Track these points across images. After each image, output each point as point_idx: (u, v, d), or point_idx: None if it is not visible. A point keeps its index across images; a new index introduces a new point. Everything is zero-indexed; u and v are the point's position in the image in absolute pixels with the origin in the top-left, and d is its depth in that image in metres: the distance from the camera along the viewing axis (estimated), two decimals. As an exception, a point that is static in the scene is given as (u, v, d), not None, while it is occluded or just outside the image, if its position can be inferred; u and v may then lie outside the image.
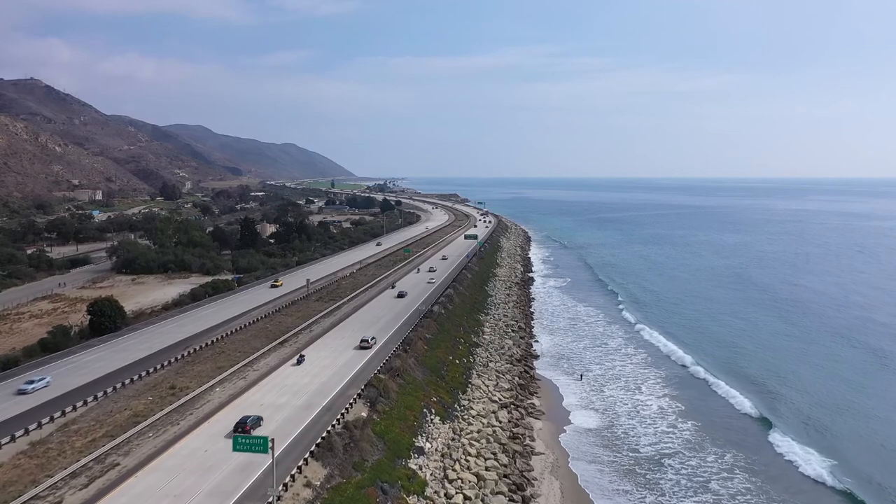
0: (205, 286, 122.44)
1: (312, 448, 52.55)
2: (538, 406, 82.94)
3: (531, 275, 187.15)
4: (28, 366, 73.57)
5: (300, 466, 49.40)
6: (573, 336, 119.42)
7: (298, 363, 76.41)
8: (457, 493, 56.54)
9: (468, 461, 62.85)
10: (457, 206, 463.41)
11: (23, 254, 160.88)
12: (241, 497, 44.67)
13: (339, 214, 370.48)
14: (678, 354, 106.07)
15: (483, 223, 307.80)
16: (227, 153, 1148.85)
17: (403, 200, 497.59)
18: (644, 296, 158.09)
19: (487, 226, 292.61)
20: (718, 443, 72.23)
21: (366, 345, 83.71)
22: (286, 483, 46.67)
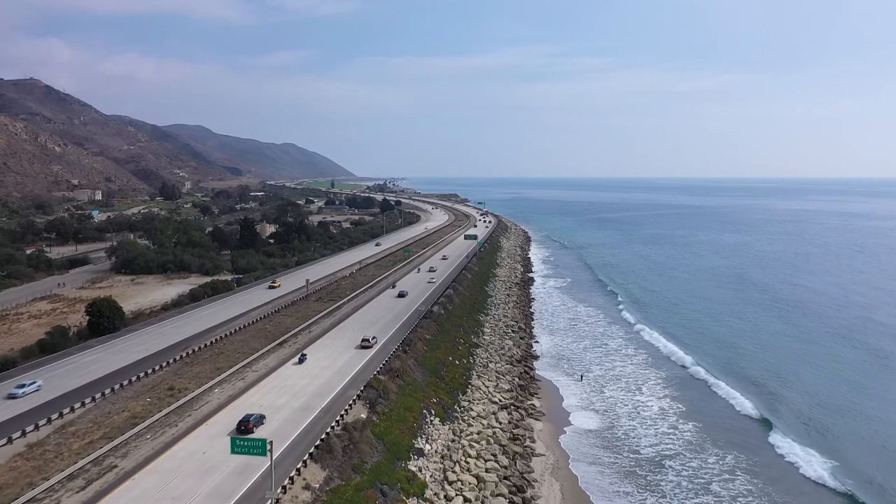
0: (204, 286, 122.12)
1: (311, 450, 52.24)
2: (538, 407, 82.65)
3: (531, 275, 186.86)
4: (26, 367, 73.27)
5: (299, 469, 49.11)
6: (573, 336, 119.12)
7: (300, 362, 76.72)
8: (457, 495, 56.21)
9: (468, 463, 62.52)
10: (456, 207, 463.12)
11: (22, 254, 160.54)
12: (240, 500, 44.36)
13: (339, 214, 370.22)
14: (679, 355, 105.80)
15: (483, 223, 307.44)
16: (227, 153, 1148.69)
17: (403, 200, 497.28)
18: (644, 296, 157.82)
19: (487, 226, 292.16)
20: (719, 444, 71.97)
21: (367, 344, 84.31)
22: (285, 485, 46.36)
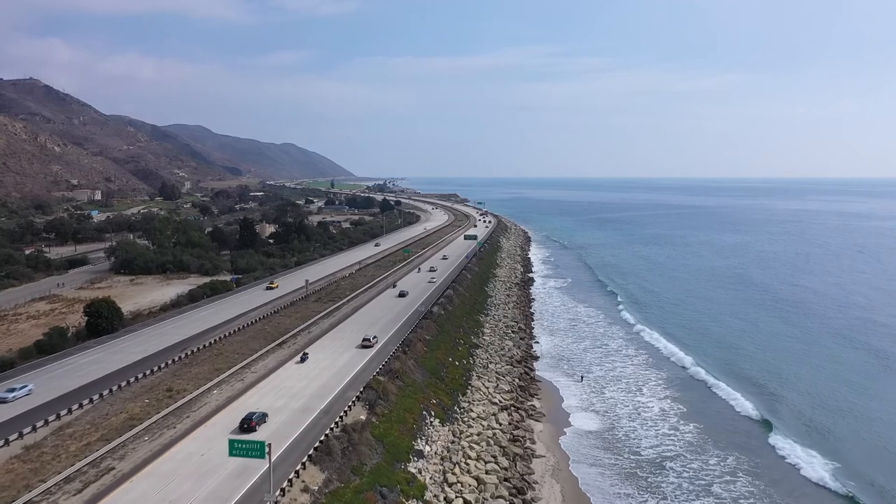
0: (203, 287, 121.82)
1: (310, 452, 51.89)
2: (539, 408, 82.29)
3: (531, 275, 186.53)
4: (24, 367, 72.92)
5: (298, 471, 48.75)
6: (573, 337, 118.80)
7: (302, 361, 77.12)
8: (456, 497, 55.85)
9: (468, 464, 62.14)
10: (456, 207, 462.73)
11: (21, 254, 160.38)
12: (238, 502, 43.99)
13: (339, 214, 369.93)
14: (679, 356, 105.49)
15: (483, 223, 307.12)
16: (227, 153, 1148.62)
17: (403, 200, 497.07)
18: (644, 296, 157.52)
19: (487, 226, 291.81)
20: (720, 445, 71.64)
21: (367, 343, 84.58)
22: (283, 488, 46.01)
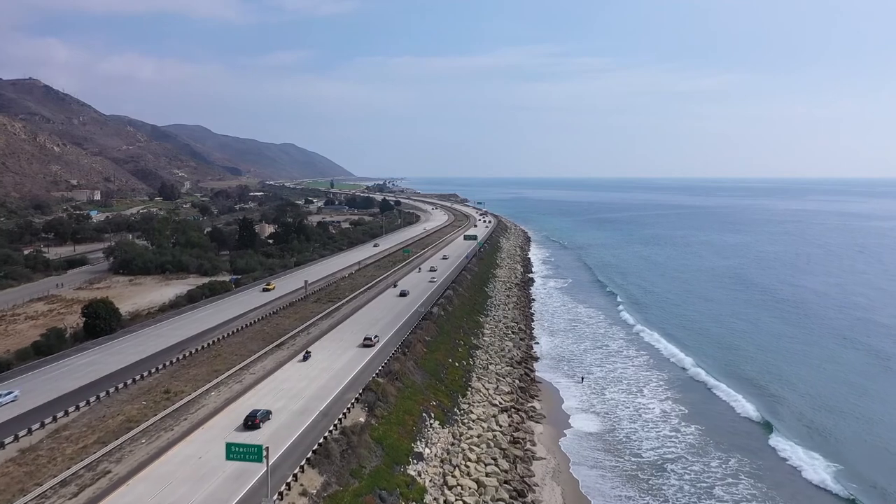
0: (202, 287, 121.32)
1: (309, 455, 51.42)
2: (539, 409, 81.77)
3: (531, 275, 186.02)
4: (19, 370, 72.44)
5: (296, 474, 48.27)
6: (574, 338, 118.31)
7: (305, 359, 77.57)
8: (456, 500, 55.40)
9: (468, 467, 61.67)
10: (456, 207, 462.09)
11: (19, 254, 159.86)
12: (236, 506, 43.60)
13: (338, 215, 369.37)
14: (680, 357, 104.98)
15: (483, 223, 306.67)
16: (227, 153, 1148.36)
17: (403, 200, 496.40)
18: (645, 297, 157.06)
19: (487, 226, 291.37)
20: (722, 447, 71.17)
21: (369, 343, 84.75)
22: (281, 492, 45.56)
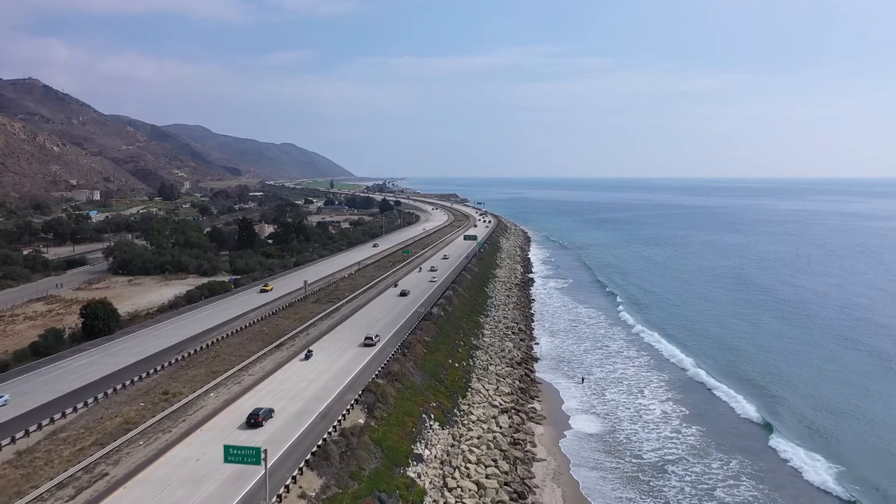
0: (201, 288, 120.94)
1: (308, 457, 51.06)
2: (539, 410, 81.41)
3: (531, 276, 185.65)
4: (17, 371, 72.09)
5: (295, 476, 47.90)
6: (574, 338, 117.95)
7: (306, 358, 77.92)
8: (456, 502, 55.06)
9: (468, 468, 61.31)
10: (456, 207, 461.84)
11: (18, 255, 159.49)
12: (234, 509, 43.25)
13: (338, 215, 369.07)
14: (680, 357, 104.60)
15: (483, 223, 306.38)
16: (226, 153, 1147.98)
17: (402, 201, 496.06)
18: (645, 297, 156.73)
19: (487, 226, 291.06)
20: (723, 448, 70.82)
21: (370, 342, 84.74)
22: (280, 494, 45.21)
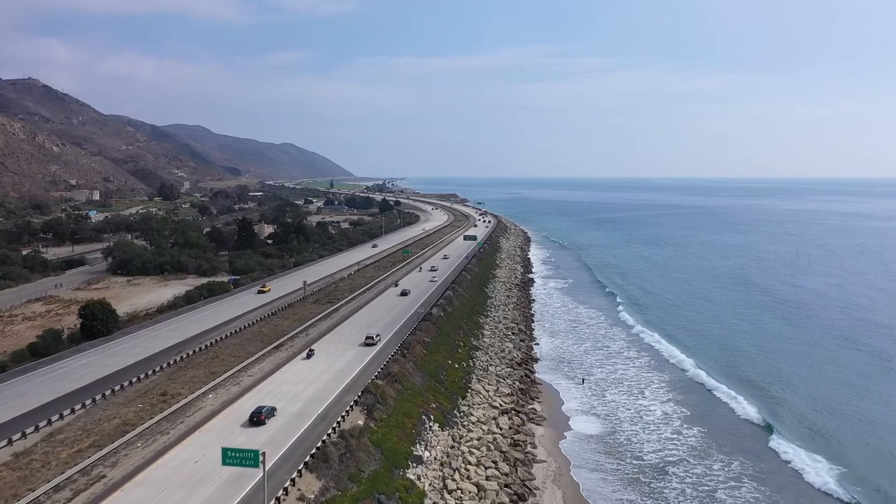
0: (200, 288, 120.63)
1: (307, 459, 50.72)
2: (539, 411, 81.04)
3: (531, 276, 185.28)
4: (15, 371, 71.75)
5: (294, 479, 47.55)
6: (574, 339, 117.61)
7: (308, 357, 78.39)
8: (456, 505, 54.75)
9: (468, 470, 60.97)
10: (455, 207, 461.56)
11: (17, 255, 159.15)
12: (232, 511, 42.93)
13: (338, 215, 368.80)
14: (681, 358, 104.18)
15: (482, 223, 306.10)
16: (226, 153, 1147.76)
17: (402, 201, 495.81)
18: (645, 298, 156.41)
19: (487, 226, 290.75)
20: (724, 450, 70.46)
21: (371, 341, 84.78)
22: (279, 497, 44.87)
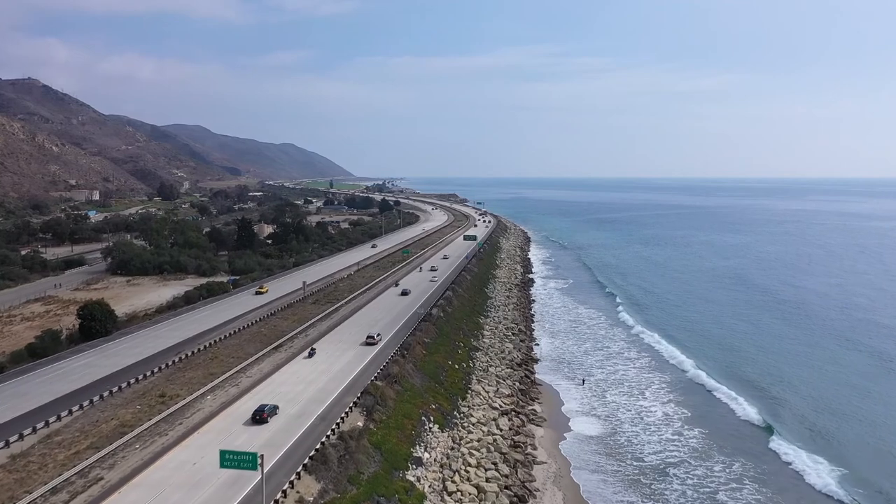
0: (199, 288, 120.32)
1: (306, 461, 50.45)
2: (539, 412, 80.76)
3: (531, 276, 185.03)
4: (13, 372, 71.46)
5: (292, 481, 47.27)
6: (574, 339, 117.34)
7: (310, 356, 78.76)
8: (456, 506, 54.48)
9: (468, 472, 60.69)
10: (455, 207, 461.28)
11: (17, 255, 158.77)
12: (230, 514, 42.67)
13: (338, 215, 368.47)
14: (681, 359, 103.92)
15: (482, 223, 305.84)
16: (226, 153, 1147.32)
17: (402, 201, 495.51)
18: (645, 298, 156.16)
19: (487, 226, 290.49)
20: (725, 451, 70.21)
21: (371, 341, 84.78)
22: (277, 499, 44.58)
